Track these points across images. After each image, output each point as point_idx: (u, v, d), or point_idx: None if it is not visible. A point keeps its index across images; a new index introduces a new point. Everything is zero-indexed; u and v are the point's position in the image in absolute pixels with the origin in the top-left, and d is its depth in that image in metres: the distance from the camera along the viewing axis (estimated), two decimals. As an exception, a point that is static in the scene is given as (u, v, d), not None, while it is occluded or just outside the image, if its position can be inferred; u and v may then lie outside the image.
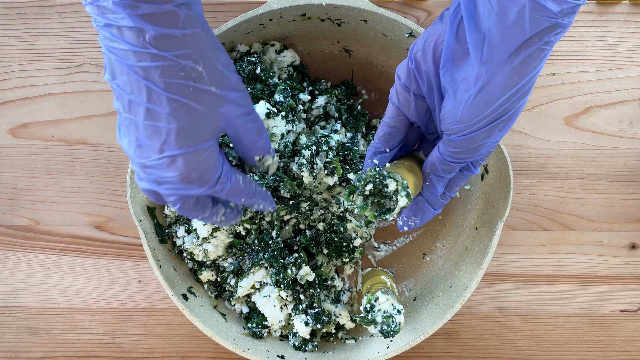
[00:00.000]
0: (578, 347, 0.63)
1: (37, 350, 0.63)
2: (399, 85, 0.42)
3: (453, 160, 0.41)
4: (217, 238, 0.56)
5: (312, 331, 0.59)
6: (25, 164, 0.64)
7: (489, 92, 0.35)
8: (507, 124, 0.37)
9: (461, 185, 0.46)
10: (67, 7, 0.64)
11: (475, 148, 0.38)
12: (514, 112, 0.36)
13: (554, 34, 0.32)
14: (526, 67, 0.33)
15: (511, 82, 0.34)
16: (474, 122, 0.36)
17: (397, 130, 0.44)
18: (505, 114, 0.36)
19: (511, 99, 0.35)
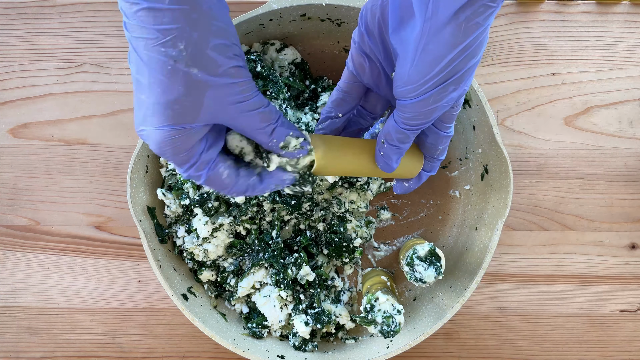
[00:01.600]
0: (578, 347, 0.63)
1: (37, 350, 0.63)
2: (354, 49, 0.41)
3: (406, 127, 0.39)
4: (218, 238, 0.56)
5: (312, 331, 0.59)
6: (25, 164, 0.64)
7: (434, 50, 0.34)
8: (457, 86, 0.36)
9: (442, 148, 0.44)
10: (67, 7, 0.64)
11: (427, 112, 0.37)
12: (464, 73, 0.35)
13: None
14: (471, 24, 0.32)
15: (457, 39, 0.33)
16: (421, 83, 0.35)
17: (349, 96, 0.43)
18: (454, 75, 0.35)
19: (458, 57, 0.34)
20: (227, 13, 0.37)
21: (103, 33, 0.64)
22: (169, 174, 0.58)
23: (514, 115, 0.64)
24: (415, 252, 0.53)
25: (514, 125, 0.64)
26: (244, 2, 0.63)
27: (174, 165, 0.38)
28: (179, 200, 0.56)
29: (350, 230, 0.59)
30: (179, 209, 0.56)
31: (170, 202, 0.56)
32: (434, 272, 0.53)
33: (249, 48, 0.58)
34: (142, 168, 0.55)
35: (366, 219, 0.61)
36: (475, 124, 0.57)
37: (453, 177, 0.62)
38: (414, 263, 0.53)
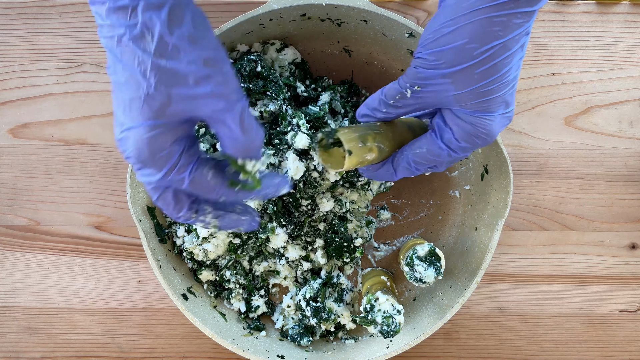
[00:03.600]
0: (578, 347, 0.63)
1: (37, 351, 0.63)
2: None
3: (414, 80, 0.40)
4: (217, 238, 0.56)
5: (311, 327, 0.59)
6: (25, 164, 0.64)
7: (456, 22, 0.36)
8: (474, 70, 0.36)
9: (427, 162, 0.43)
10: (67, 7, 0.64)
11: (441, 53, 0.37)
12: (476, 63, 0.36)
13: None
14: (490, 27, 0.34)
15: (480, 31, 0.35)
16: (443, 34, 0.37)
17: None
18: (469, 59, 0.36)
19: (473, 44, 0.35)
20: (198, 9, 0.36)
21: (103, 33, 0.64)
22: (168, 174, 0.58)
23: (514, 115, 0.64)
24: (415, 252, 0.53)
25: (514, 125, 0.64)
26: (244, 2, 0.63)
27: (153, 178, 0.37)
28: (178, 200, 0.56)
29: (351, 230, 0.59)
30: (179, 209, 0.56)
31: (170, 202, 0.56)
32: (434, 272, 0.53)
33: (249, 48, 0.58)
34: (142, 168, 0.55)
35: (366, 218, 0.61)
36: (475, 124, 0.57)
37: (453, 177, 0.62)
38: (414, 263, 0.53)
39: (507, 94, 0.38)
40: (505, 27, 0.35)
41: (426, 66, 0.38)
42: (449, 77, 0.37)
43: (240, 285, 0.59)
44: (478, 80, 0.37)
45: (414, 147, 0.43)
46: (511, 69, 0.37)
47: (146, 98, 0.35)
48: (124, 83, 0.35)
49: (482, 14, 0.35)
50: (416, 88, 0.40)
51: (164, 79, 0.34)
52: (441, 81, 0.38)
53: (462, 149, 0.41)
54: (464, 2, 0.35)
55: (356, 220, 0.60)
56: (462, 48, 0.36)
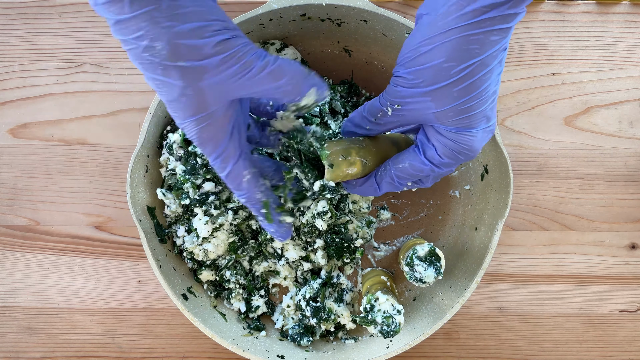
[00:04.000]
0: (578, 347, 0.63)
1: (37, 350, 0.63)
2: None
3: (386, 99, 0.40)
4: (218, 238, 0.56)
5: (311, 327, 0.59)
6: (25, 164, 0.64)
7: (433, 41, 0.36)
8: (447, 89, 0.36)
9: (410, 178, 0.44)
10: (67, 7, 0.64)
11: (418, 72, 0.38)
12: (454, 81, 0.36)
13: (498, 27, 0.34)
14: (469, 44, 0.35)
15: (457, 50, 0.35)
16: (420, 53, 0.37)
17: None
18: (447, 77, 0.36)
19: (451, 62, 0.35)
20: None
21: (103, 33, 0.64)
22: (168, 173, 0.58)
23: (514, 115, 0.64)
24: (415, 252, 0.53)
25: (514, 125, 0.64)
26: (244, 2, 0.63)
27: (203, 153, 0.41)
28: (179, 200, 0.56)
29: (352, 231, 0.59)
30: (179, 208, 0.56)
31: (170, 202, 0.56)
32: (434, 273, 0.53)
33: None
34: (142, 168, 0.55)
35: (367, 218, 0.61)
36: (475, 124, 0.57)
37: (453, 177, 0.62)
38: (414, 263, 0.53)
39: (488, 109, 0.38)
40: (482, 44, 0.35)
41: (405, 85, 0.39)
42: (428, 96, 0.38)
43: (240, 285, 0.59)
44: (457, 98, 0.37)
45: (397, 161, 0.43)
46: (490, 85, 0.37)
47: (181, 99, 0.36)
48: (157, 89, 0.36)
49: (458, 33, 0.35)
50: (396, 106, 0.40)
51: (190, 78, 0.35)
52: (421, 99, 0.38)
53: (445, 164, 0.41)
54: (440, 20, 0.35)
55: (357, 221, 0.60)
56: (440, 67, 0.36)
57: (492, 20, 0.34)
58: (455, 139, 0.39)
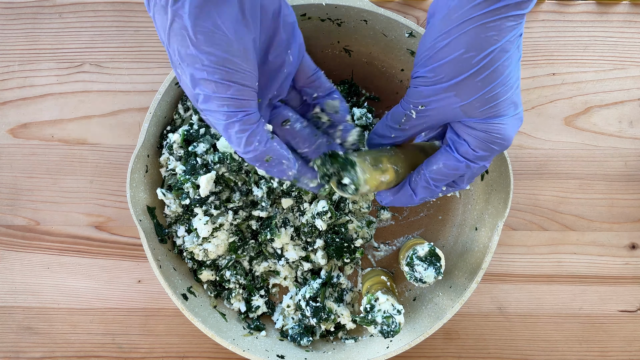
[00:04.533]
0: (578, 347, 0.63)
1: (37, 350, 0.63)
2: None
3: (409, 103, 0.40)
4: (218, 238, 0.56)
5: (310, 327, 0.59)
6: (25, 164, 0.64)
7: (449, 34, 0.36)
8: (468, 81, 0.36)
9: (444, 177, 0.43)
10: (67, 7, 0.64)
11: (437, 68, 0.38)
12: (476, 70, 0.36)
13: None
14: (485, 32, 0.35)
15: (474, 39, 0.35)
16: (437, 50, 0.37)
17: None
18: (469, 67, 0.36)
19: (471, 52, 0.35)
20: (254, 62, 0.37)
21: (103, 33, 0.64)
22: (169, 173, 0.58)
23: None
24: (415, 252, 0.53)
25: (514, 125, 0.64)
26: (244, 2, 0.63)
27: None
28: (179, 200, 0.56)
29: (352, 231, 0.59)
30: (179, 208, 0.56)
31: (170, 202, 0.56)
32: (434, 272, 0.53)
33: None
34: (142, 168, 0.55)
35: (367, 218, 0.61)
36: (475, 124, 0.57)
37: (453, 177, 0.62)
38: (414, 263, 0.53)
39: (514, 95, 0.38)
40: (500, 31, 0.35)
41: (427, 83, 0.38)
42: (451, 90, 0.37)
43: (240, 285, 0.59)
44: (482, 88, 0.37)
45: (430, 164, 0.42)
46: (512, 71, 0.37)
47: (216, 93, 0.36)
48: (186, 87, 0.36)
49: (474, 22, 0.35)
50: (420, 107, 0.40)
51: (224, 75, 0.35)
52: (444, 95, 0.38)
53: (480, 157, 0.40)
54: (454, 13, 0.35)
55: (357, 221, 0.60)
56: (459, 59, 0.36)
57: (506, 8, 0.34)
58: (487, 129, 0.38)
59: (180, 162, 0.56)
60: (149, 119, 0.54)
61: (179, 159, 0.56)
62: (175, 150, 0.56)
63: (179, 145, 0.56)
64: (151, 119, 0.54)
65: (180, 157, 0.56)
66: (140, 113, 0.64)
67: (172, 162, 0.57)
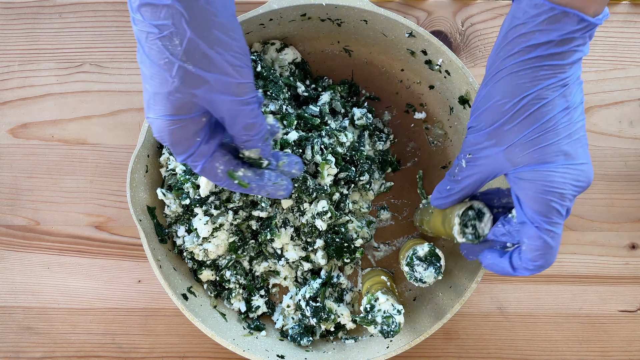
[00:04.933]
0: (578, 347, 0.63)
1: (37, 350, 0.63)
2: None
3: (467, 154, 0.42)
4: (218, 238, 0.56)
5: (310, 327, 0.59)
6: (25, 164, 0.64)
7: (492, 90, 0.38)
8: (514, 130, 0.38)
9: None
10: (67, 7, 0.64)
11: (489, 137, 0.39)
12: (511, 116, 0.37)
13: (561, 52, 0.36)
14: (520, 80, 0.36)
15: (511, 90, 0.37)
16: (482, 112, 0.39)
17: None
18: (503, 114, 0.38)
19: (505, 99, 0.37)
20: (232, 8, 0.37)
21: (103, 33, 0.64)
22: (169, 173, 0.58)
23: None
24: (415, 252, 0.53)
25: (514, 125, 0.64)
26: (244, 2, 0.63)
27: (178, 157, 0.40)
28: (179, 200, 0.56)
29: (352, 231, 0.59)
30: (179, 208, 0.56)
31: (170, 202, 0.56)
32: (434, 273, 0.53)
33: (249, 48, 0.58)
34: (142, 168, 0.55)
35: (367, 218, 0.61)
36: (475, 124, 0.57)
37: (453, 177, 0.62)
38: (414, 263, 0.53)
39: (563, 144, 0.37)
40: (532, 79, 0.36)
41: (472, 132, 0.41)
42: (492, 137, 0.39)
43: (240, 285, 0.59)
44: (519, 132, 0.37)
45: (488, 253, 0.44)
46: (554, 118, 0.36)
47: (169, 96, 0.36)
48: (150, 77, 0.36)
49: (507, 72, 0.37)
50: (469, 156, 0.42)
51: (189, 82, 0.36)
52: (487, 143, 0.39)
53: (537, 216, 0.38)
54: (493, 64, 0.38)
55: (357, 221, 0.60)
56: (495, 105, 0.38)
57: (538, 59, 0.36)
58: (534, 178, 0.37)
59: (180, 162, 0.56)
60: (149, 119, 0.54)
61: (179, 159, 0.56)
62: (175, 150, 0.56)
63: (179, 145, 0.56)
64: (151, 119, 0.54)
65: (180, 157, 0.56)
66: (140, 113, 0.64)
67: (172, 162, 0.57)
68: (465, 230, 0.47)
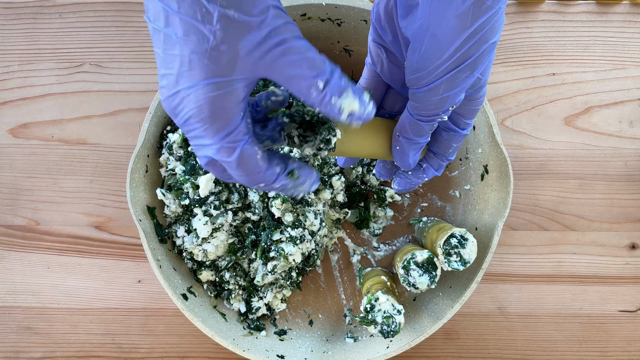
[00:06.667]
0: (578, 347, 0.63)
1: (37, 350, 0.63)
2: (370, 41, 0.40)
3: (420, 118, 0.37)
4: (217, 238, 0.56)
5: None
6: (25, 164, 0.64)
7: (441, 36, 0.32)
8: (471, 73, 0.34)
9: (455, 147, 0.41)
10: (67, 7, 0.64)
11: (439, 101, 0.35)
12: (476, 58, 0.33)
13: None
14: (481, 7, 0.31)
15: (464, 23, 0.31)
16: (430, 71, 0.34)
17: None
18: (465, 61, 0.33)
19: (468, 42, 0.32)
20: None
21: (103, 33, 0.64)
22: (168, 173, 0.58)
23: (514, 115, 0.64)
24: (414, 257, 0.53)
25: (514, 125, 0.64)
26: (244, 2, 0.63)
27: (205, 140, 0.33)
28: (178, 200, 0.56)
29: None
30: (179, 208, 0.56)
31: (169, 202, 0.56)
32: (428, 280, 0.53)
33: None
34: (142, 168, 0.55)
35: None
36: (475, 124, 0.57)
37: (453, 177, 0.62)
38: (410, 267, 0.53)
39: None
40: None
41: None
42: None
43: (240, 287, 0.59)
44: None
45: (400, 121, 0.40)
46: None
47: (211, 52, 0.31)
48: (182, 37, 0.31)
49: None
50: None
51: (234, 31, 0.31)
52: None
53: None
54: None
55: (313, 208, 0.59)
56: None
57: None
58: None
59: (180, 162, 0.56)
60: (149, 118, 0.54)
61: (179, 159, 0.56)
62: (175, 150, 0.56)
63: (179, 145, 0.56)
64: (151, 119, 0.54)
65: (180, 157, 0.56)
66: (140, 113, 0.64)
67: (172, 162, 0.57)
68: (449, 259, 0.49)
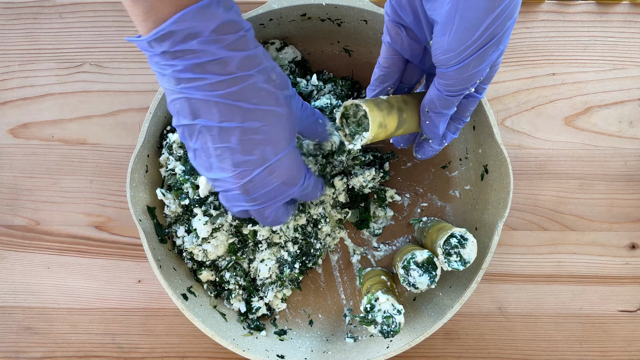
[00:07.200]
0: (578, 347, 0.63)
1: (37, 350, 0.63)
2: (388, 21, 0.42)
3: (449, 94, 0.40)
4: (217, 238, 0.56)
5: None
6: (25, 164, 0.64)
7: (471, 16, 0.34)
8: (497, 48, 0.36)
9: (471, 110, 0.45)
10: (67, 7, 0.64)
11: (468, 77, 0.38)
12: (502, 35, 0.35)
13: None
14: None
15: (493, 4, 0.33)
16: (461, 51, 0.36)
17: (391, 71, 0.44)
18: (493, 38, 0.35)
19: (496, 21, 0.34)
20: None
21: (103, 33, 0.64)
22: (168, 173, 0.58)
23: (514, 115, 0.64)
24: (414, 256, 0.53)
25: (514, 125, 0.64)
26: (244, 2, 0.63)
27: (289, 194, 0.43)
28: (178, 200, 0.56)
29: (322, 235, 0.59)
30: (179, 208, 0.56)
31: (169, 202, 0.56)
32: (428, 280, 0.53)
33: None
34: (142, 168, 0.55)
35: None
36: (475, 124, 0.57)
37: (453, 177, 0.62)
38: (410, 267, 0.53)
39: None
40: None
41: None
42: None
43: (240, 287, 0.59)
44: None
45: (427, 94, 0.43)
46: None
47: (284, 125, 0.40)
48: (264, 125, 0.39)
49: None
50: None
51: (290, 104, 0.41)
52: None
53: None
54: None
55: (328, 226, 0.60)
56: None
57: None
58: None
59: (179, 162, 0.56)
60: (149, 119, 0.54)
61: (179, 159, 0.56)
62: (175, 150, 0.56)
63: (179, 145, 0.56)
64: (151, 119, 0.54)
65: (180, 157, 0.56)
66: (140, 113, 0.64)
67: (172, 162, 0.57)
68: (449, 259, 0.49)
